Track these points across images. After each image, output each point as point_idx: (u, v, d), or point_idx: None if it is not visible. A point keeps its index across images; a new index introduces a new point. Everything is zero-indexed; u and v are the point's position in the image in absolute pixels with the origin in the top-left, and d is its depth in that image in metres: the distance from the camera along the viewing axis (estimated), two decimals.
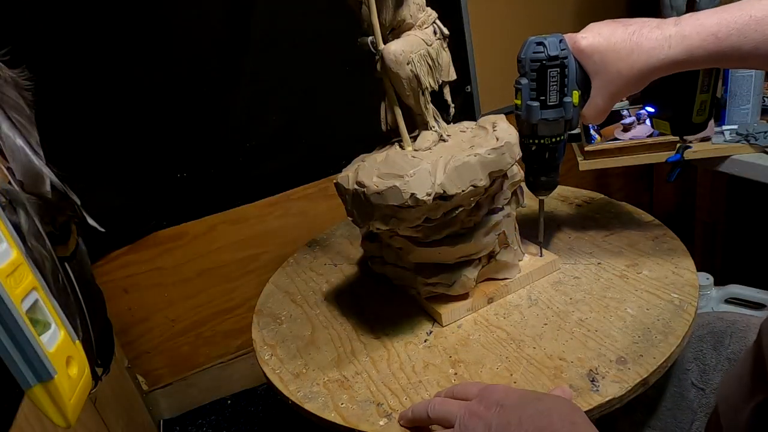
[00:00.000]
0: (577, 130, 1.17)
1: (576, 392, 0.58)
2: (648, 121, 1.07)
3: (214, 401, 1.55)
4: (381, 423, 0.59)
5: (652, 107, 0.70)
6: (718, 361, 0.72)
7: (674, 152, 1.07)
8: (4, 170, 0.48)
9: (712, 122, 1.14)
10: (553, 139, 0.65)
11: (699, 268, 0.75)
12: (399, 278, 0.79)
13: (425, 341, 0.70)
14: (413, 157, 0.67)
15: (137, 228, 1.30)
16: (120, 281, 1.33)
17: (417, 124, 0.74)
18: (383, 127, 0.76)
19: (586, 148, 1.10)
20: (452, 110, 0.76)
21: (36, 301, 0.41)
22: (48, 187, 0.49)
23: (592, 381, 0.59)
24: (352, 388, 0.65)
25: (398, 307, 0.78)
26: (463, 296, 0.73)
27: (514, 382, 0.61)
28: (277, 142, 1.35)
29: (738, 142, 1.17)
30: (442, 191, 0.61)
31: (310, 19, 1.28)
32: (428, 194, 0.60)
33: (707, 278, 1.36)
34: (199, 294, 1.43)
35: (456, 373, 0.64)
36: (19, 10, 1.03)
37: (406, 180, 0.60)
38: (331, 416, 0.61)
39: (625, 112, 1.12)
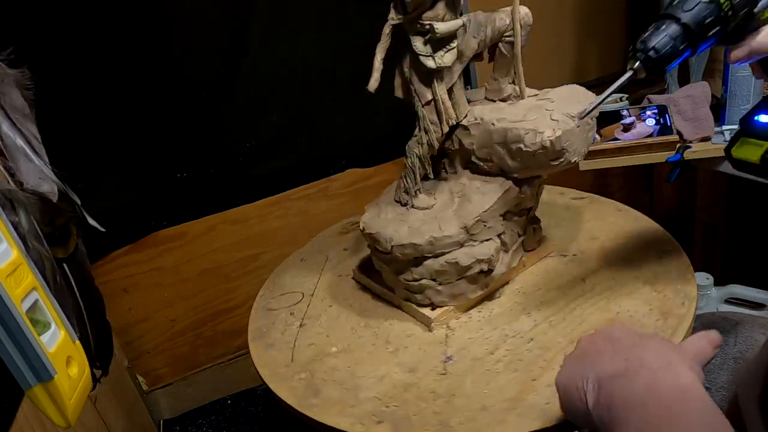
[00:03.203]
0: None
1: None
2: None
3: (214, 401, 1.55)
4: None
5: None
6: (724, 360, 0.72)
7: (674, 152, 1.07)
8: (4, 170, 0.48)
9: (711, 122, 1.14)
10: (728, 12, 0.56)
11: (699, 268, 0.76)
12: None
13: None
14: (547, 110, 0.71)
15: (137, 228, 1.30)
16: (120, 281, 1.33)
17: (499, 85, 0.77)
18: (396, 93, 0.75)
19: None
20: None
21: (36, 301, 0.41)
22: (48, 187, 0.49)
23: None
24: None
25: None
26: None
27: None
28: (277, 142, 1.35)
29: None
30: None
31: (310, 19, 1.28)
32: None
33: (707, 278, 1.36)
34: (199, 294, 1.43)
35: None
36: (21, 10, 1.03)
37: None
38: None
39: (624, 112, 1.12)
